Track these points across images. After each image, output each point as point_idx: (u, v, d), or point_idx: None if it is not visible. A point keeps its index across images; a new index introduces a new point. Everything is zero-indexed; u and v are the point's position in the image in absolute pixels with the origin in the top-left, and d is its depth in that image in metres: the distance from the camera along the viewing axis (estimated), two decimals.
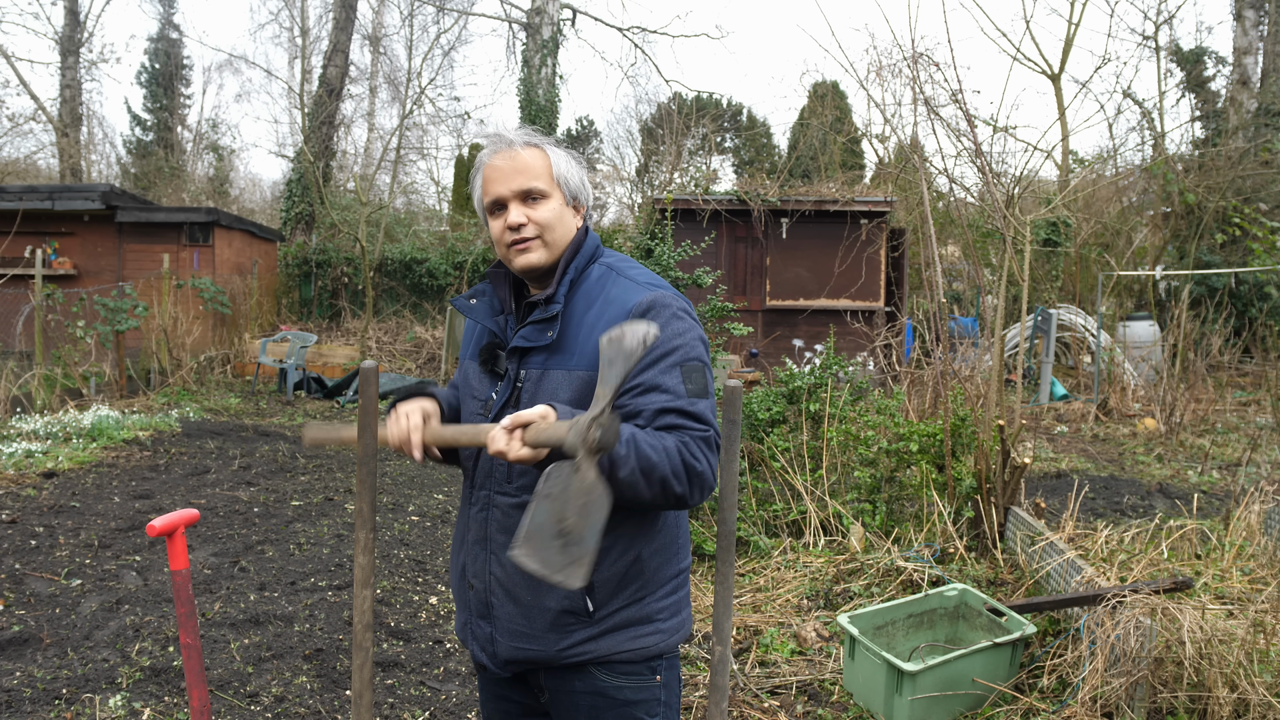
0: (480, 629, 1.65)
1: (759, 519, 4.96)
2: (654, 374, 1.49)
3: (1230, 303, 12.65)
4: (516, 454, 1.35)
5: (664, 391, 1.48)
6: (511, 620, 1.60)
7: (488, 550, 1.62)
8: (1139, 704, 2.88)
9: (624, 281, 1.60)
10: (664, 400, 1.48)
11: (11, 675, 3.36)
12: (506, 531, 1.58)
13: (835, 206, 12.05)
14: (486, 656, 1.65)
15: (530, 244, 1.60)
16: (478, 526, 1.64)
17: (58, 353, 9.69)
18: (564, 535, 1.28)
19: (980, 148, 5.16)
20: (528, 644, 1.59)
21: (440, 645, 3.87)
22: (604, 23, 19.55)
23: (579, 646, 1.58)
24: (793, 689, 3.40)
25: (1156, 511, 5.63)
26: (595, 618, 1.57)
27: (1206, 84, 17.31)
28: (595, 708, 1.62)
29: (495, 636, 1.62)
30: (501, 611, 1.61)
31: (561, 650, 1.58)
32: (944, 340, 5.30)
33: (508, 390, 1.61)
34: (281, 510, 5.89)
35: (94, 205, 12.79)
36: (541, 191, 1.60)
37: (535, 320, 1.60)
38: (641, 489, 1.41)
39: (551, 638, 1.58)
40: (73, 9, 22.77)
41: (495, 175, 1.61)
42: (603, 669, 1.60)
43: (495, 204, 1.62)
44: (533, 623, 1.58)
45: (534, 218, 1.59)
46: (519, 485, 1.58)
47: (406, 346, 14.74)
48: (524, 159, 1.60)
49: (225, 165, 27.44)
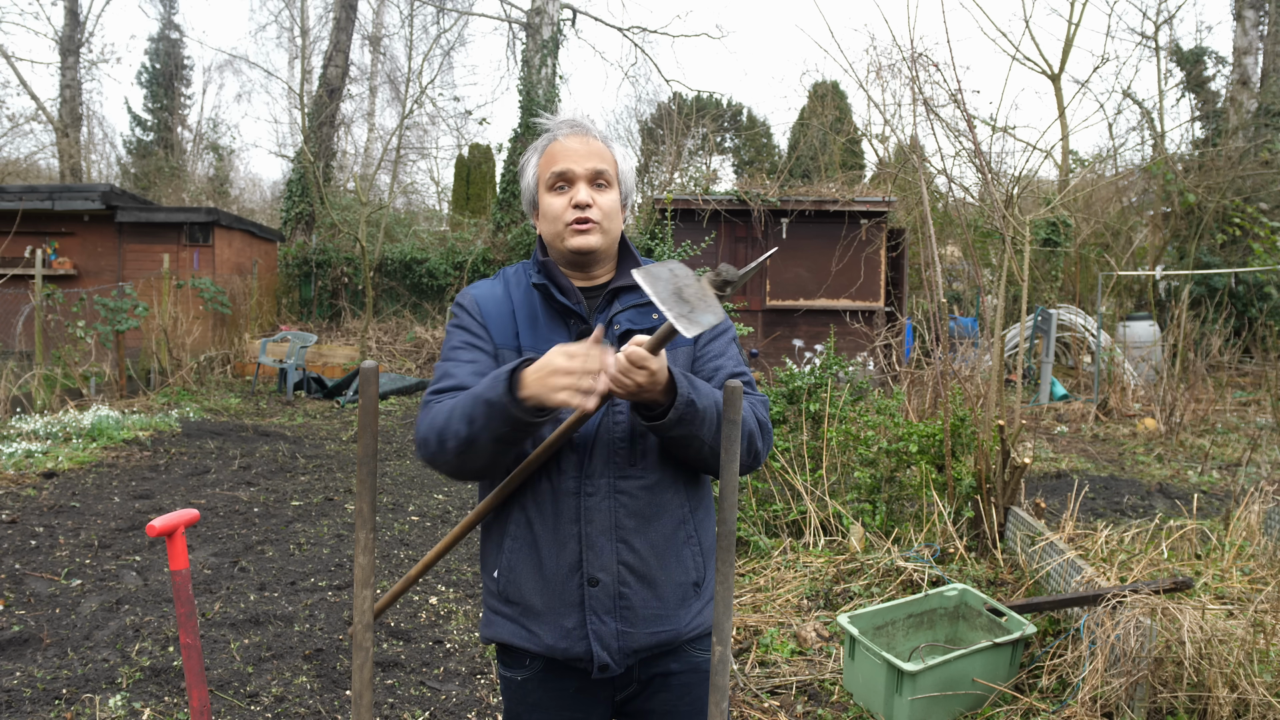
0: (604, 626, 1.57)
1: (759, 519, 4.96)
2: (722, 344, 1.69)
3: (1230, 303, 12.65)
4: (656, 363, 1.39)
5: (730, 358, 1.68)
6: (647, 605, 1.59)
7: (614, 540, 1.57)
8: (1139, 704, 2.88)
9: None
10: (731, 365, 1.67)
11: (11, 675, 3.36)
12: (637, 516, 1.58)
13: (835, 206, 12.05)
14: (610, 654, 1.58)
15: (592, 226, 1.61)
16: (603, 516, 1.57)
17: (58, 353, 9.69)
18: (682, 300, 1.32)
19: (980, 147, 5.16)
20: (662, 625, 1.60)
21: (440, 645, 3.87)
22: (604, 23, 19.54)
23: (695, 619, 1.64)
24: (793, 689, 3.40)
25: (1156, 511, 5.63)
26: (704, 586, 1.65)
27: (1206, 84, 17.30)
28: (687, 685, 1.67)
29: (624, 629, 1.58)
30: (637, 598, 1.58)
31: (686, 625, 1.63)
32: (944, 340, 5.29)
33: None
34: (281, 510, 5.89)
35: (94, 205, 12.78)
36: (610, 179, 1.65)
37: (636, 305, 1.64)
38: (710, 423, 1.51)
39: (680, 614, 1.62)
40: (73, 9, 22.78)
41: (567, 153, 1.62)
42: (695, 645, 1.67)
43: (561, 178, 1.61)
44: (665, 601, 1.60)
45: (599, 202, 1.62)
46: (644, 466, 1.59)
47: (406, 346, 14.74)
48: (597, 145, 1.64)
49: (225, 165, 27.44)
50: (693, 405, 1.47)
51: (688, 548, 1.63)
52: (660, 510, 1.60)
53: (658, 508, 1.59)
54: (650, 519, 1.59)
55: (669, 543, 1.60)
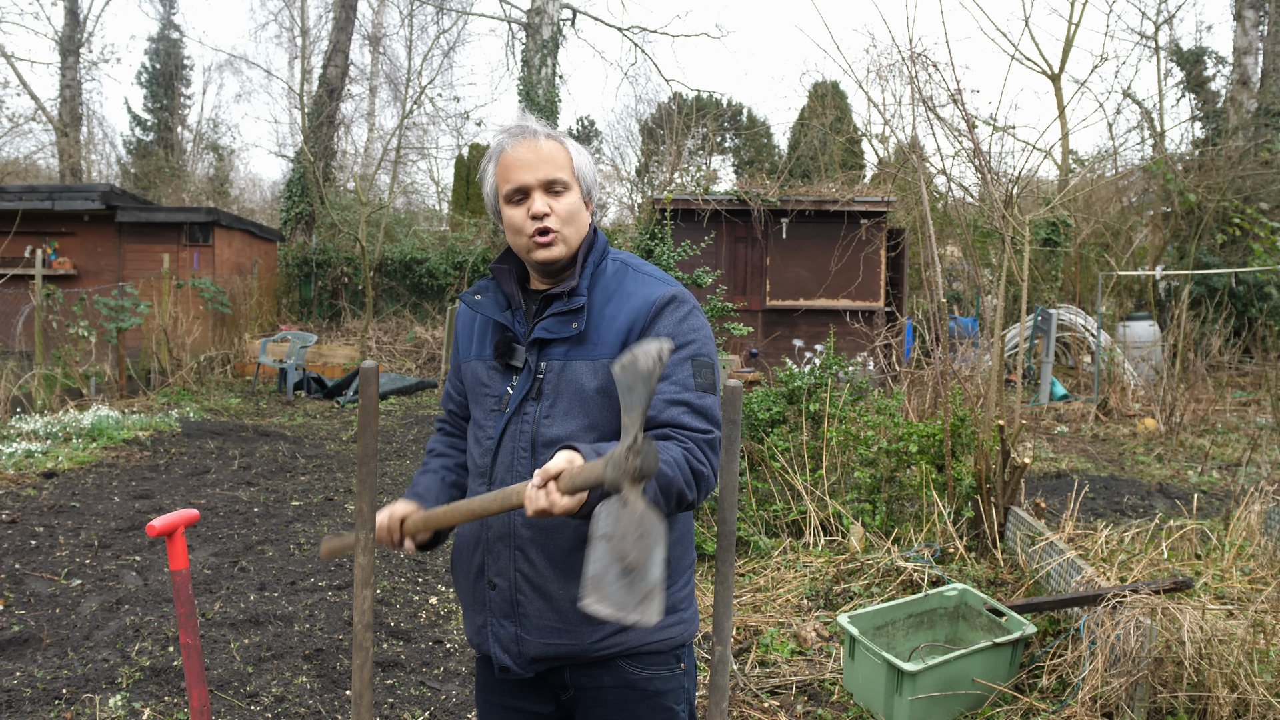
0: (503, 629, 1.62)
1: (759, 519, 4.96)
2: (667, 365, 1.54)
3: (1230, 303, 12.65)
4: (561, 505, 1.32)
5: (673, 382, 1.52)
6: (542, 616, 1.58)
7: (512, 546, 1.59)
8: (1139, 704, 2.88)
9: (642, 276, 1.63)
10: (673, 391, 1.51)
11: (11, 675, 3.36)
12: (533, 527, 1.57)
13: (835, 206, 12.05)
14: (510, 657, 1.62)
15: (554, 237, 1.59)
16: (500, 523, 1.60)
17: (58, 353, 9.69)
18: (629, 572, 1.24)
19: (979, 147, 5.15)
20: (559, 639, 1.58)
21: (440, 645, 3.87)
22: (604, 23, 19.54)
23: (610, 639, 1.58)
24: (793, 689, 3.40)
25: (1156, 511, 5.63)
26: None
27: (1206, 84, 17.31)
28: (624, 700, 1.63)
29: (521, 635, 1.60)
30: (531, 608, 1.59)
31: (593, 643, 1.58)
32: (944, 340, 5.29)
33: (528, 382, 1.60)
34: (281, 510, 5.89)
35: (94, 205, 12.78)
36: (565, 183, 1.60)
37: (558, 312, 1.60)
38: (660, 506, 1.43)
39: (585, 631, 1.58)
40: (73, 9, 22.77)
41: (518, 164, 1.59)
42: (631, 661, 1.62)
43: (517, 192, 1.60)
44: (564, 616, 1.58)
45: (557, 208, 1.59)
46: None
47: (406, 346, 14.75)
48: (548, 149, 1.60)
49: (225, 165, 27.44)
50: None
51: None
52: (561, 526, 1.56)
53: (558, 523, 1.55)
54: (549, 531, 1.56)
55: (569, 559, 1.56)
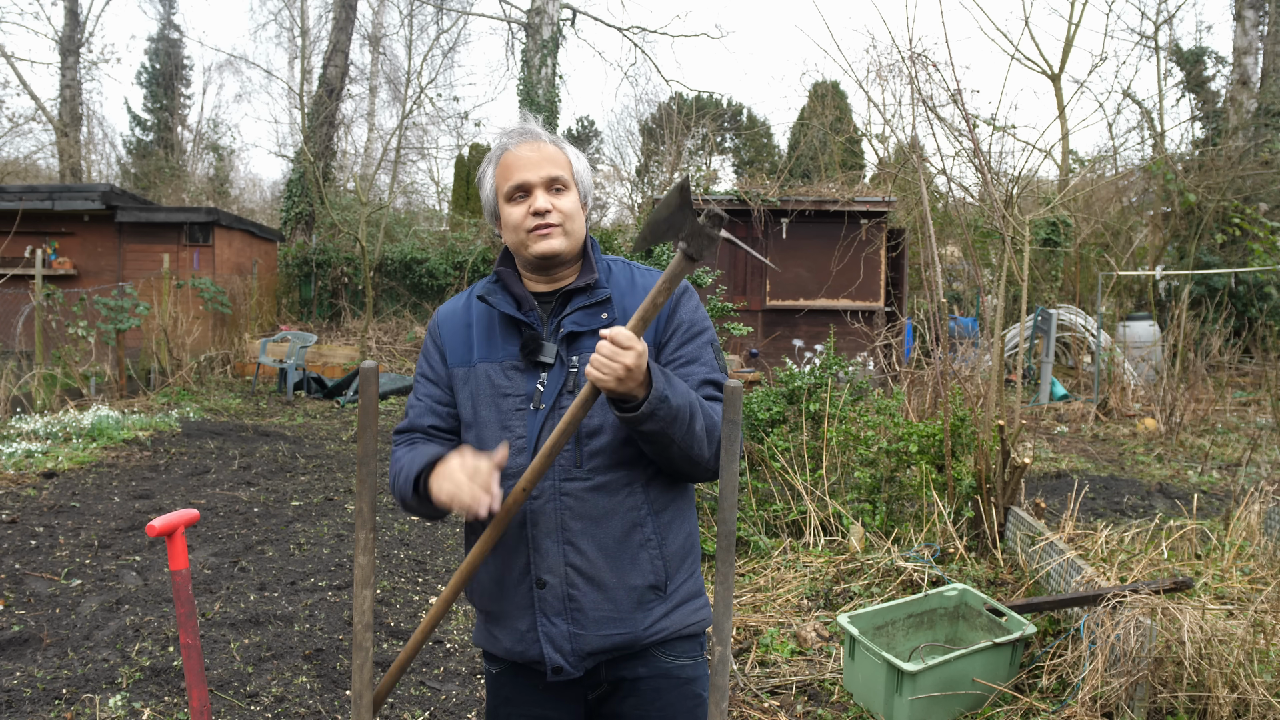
0: (554, 628, 1.59)
1: (759, 519, 4.96)
2: (695, 348, 1.66)
3: (1230, 303, 12.65)
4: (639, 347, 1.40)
5: (704, 364, 1.66)
6: (597, 608, 1.58)
7: (561, 541, 1.58)
8: (1139, 704, 2.88)
9: (647, 271, 1.74)
10: (705, 371, 1.65)
11: (11, 675, 3.36)
12: (583, 518, 1.58)
13: (835, 207, 12.05)
14: (563, 656, 1.59)
15: (553, 230, 1.62)
16: (548, 519, 1.58)
17: (58, 353, 9.69)
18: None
19: (979, 147, 5.15)
20: (615, 629, 1.59)
21: (440, 645, 3.87)
22: (604, 23, 19.52)
23: (657, 623, 1.62)
24: (793, 689, 3.40)
25: (1156, 511, 5.63)
26: (668, 591, 1.63)
27: (1206, 84, 17.31)
28: (658, 690, 1.65)
29: (575, 631, 1.58)
30: (586, 600, 1.58)
31: (645, 629, 1.61)
32: (944, 340, 5.29)
33: (561, 377, 1.61)
34: (281, 510, 5.89)
35: (94, 205, 12.78)
36: (565, 182, 1.65)
37: (584, 305, 1.64)
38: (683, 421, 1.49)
39: (637, 617, 1.60)
40: (73, 9, 22.77)
41: (520, 163, 1.63)
42: (664, 649, 1.65)
43: (518, 189, 1.63)
44: (619, 604, 1.59)
45: (558, 206, 1.63)
46: (590, 468, 1.58)
47: (406, 346, 14.75)
48: (549, 150, 1.66)
49: (225, 165, 27.45)
50: (666, 401, 1.46)
51: (644, 551, 1.61)
52: (610, 513, 1.58)
53: (607, 510, 1.58)
54: (599, 521, 1.58)
55: (621, 545, 1.59)
